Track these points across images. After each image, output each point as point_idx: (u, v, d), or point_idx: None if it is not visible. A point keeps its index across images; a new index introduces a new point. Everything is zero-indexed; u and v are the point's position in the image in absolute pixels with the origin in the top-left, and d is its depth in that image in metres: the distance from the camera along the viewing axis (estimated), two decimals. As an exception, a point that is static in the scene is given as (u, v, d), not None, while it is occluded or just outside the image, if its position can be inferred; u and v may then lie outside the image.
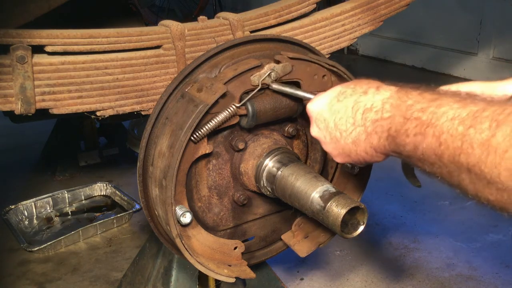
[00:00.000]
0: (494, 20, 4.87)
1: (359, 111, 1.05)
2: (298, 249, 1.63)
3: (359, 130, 1.06)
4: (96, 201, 3.12)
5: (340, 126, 1.09)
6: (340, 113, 1.09)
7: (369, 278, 2.37)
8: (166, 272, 1.86)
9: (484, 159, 0.82)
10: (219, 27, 1.74)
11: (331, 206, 1.28)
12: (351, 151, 1.10)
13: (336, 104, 1.10)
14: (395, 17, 2.13)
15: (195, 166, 1.45)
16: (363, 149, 1.07)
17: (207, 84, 1.36)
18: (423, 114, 0.92)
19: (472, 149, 0.84)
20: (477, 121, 0.84)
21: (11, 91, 1.46)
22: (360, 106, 1.05)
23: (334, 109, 1.10)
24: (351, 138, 1.08)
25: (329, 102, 1.12)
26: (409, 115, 0.95)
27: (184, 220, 1.36)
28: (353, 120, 1.06)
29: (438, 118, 0.90)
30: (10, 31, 1.47)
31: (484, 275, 2.35)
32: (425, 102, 0.94)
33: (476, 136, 0.83)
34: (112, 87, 1.60)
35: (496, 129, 0.81)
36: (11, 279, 2.42)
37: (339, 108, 1.09)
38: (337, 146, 1.13)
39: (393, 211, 2.90)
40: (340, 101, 1.10)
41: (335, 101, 1.11)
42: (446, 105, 0.90)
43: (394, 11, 2.07)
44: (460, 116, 0.87)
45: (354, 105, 1.06)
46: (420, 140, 0.92)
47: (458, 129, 0.86)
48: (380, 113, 1.01)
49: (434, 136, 0.89)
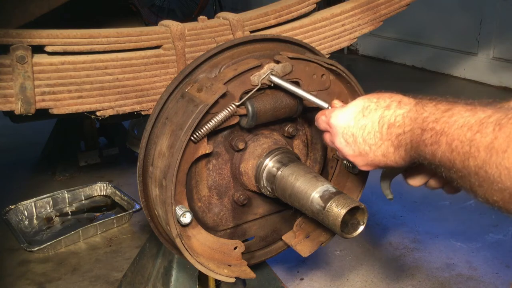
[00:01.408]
0: (494, 20, 4.87)
1: (385, 126, 1.13)
2: (300, 249, 1.63)
3: (387, 144, 1.14)
4: (96, 201, 3.12)
5: (369, 140, 1.16)
6: (367, 128, 1.16)
7: (369, 278, 2.37)
8: (166, 272, 1.86)
9: (488, 160, 0.88)
10: (219, 27, 1.74)
11: (331, 206, 1.28)
12: (381, 161, 1.18)
13: (362, 119, 1.17)
14: (395, 17, 2.13)
15: (195, 166, 1.45)
16: (393, 159, 1.16)
17: (207, 84, 1.36)
18: (437, 125, 1.01)
19: (479, 152, 0.90)
20: (483, 126, 0.91)
21: (11, 91, 1.46)
22: (385, 121, 1.13)
23: (361, 124, 1.17)
24: (381, 151, 1.16)
25: (355, 117, 1.18)
26: (425, 126, 1.03)
27: (184, 220, 1.36)
28: (380, 135, 1.14)
29: (450, 126, 0.97)
30: (10, 31, 1.47)
31: (484, 275, 2.35)
32: (439, 113, 1.02)
33: (482, 140, 0.89)
34: (112, 87, 1.60)
35: (499, 132, 0.87)
36: (11, 279, 2.42)
37: (365, 123, 1.16)
38: (366, 159, 1.21)
39: (393, 211, 2.90)
40: (366, 116, 1.16)
41: (360, 116, 1.18)
42: (457, 114, 0.98)
43: (394, 11, 2.07)
44: (469, 123, 0.94)
45: (380, 120, 1.14)
46: (436, 148, 1.00)
47: (466, 135, 0.93)
48: (402, 128, 1.10)
49: (447, 143, 0.97)
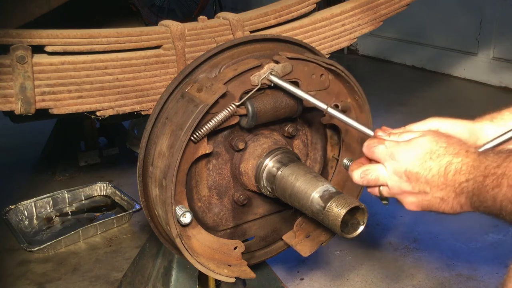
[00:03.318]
0: (494, 20, 4.87)
1: (451, 173, 1.16)
2: (301, 249, 1.63)
3: (449, 190, 1.16)
4: (96, 201, 3.12)
5: (432, 182, 1.18)
6: (433, 171, 1.18)
7: (369, 278, 2.37)
8: (166, 272, 1.86)
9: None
10: (219, 27, 1.74)
11: (331, 206, 1.28)
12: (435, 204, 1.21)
13: (429, 161, 1.19)
14: (395, 17, 2.13)
15: (195, 166, 1.45)
16: (450, 205, 1.18)
17: (207, 84, 1.36)
18: (499, 169, 1.05)
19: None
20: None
21: (11, 91, 1.46)
22: (452, 168, 1.16)
23: (427, 166, 1.19)
24: (441, 195, 1.18)
25: (422, 158, 1.19)
26: (487, 173, 1.07)
27: (184, 220, 1.36)
28: (444, 180, 1.16)
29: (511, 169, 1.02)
30: (10, 31, 1.47)
31: (484, 275, 2.35)
32: (501, 160, 1.07)
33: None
34: (112, 87, 1.60)
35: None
36: (11, 279, 2.42)
37: (432, 166, 1.18)
38: (422, 199, 1.22)
39: (393, 211, 2.89)
40: (433, 160, 1.18)
41: (427, 157, 1.19)
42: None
43: (394, 11, 2.07)
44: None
45: (447, 166, 1.16)
46: (497, 192, 1.04)
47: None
48: (466, 176, 1.13)
49: (508, 186, 1.02)
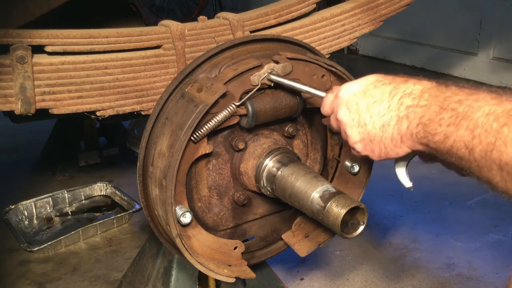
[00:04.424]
0: (494, 20, 4.87)
1: (397, 96, 1.06)
2: (298, 249, 1.63)
3: (391, 115, 1.06)
4: (96, 201, 3.11)
5: (372, 109, 1.09)
6: (375, 97, 1.09)
7: (369, 278, 2.37)
8: (166, 272, 1.86)
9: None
10: (219, 27, 1.74)
11: (331, 206, 1.28)
12: (376, 136, 1.10)
13: (372, 89, 1.11)
14: (395, 17, 2.13)
15: (195, 166, 1.45)
16: (390, 135, 1.08)
17: (207, 84, 1.36)
18: (460, 106, 0.94)
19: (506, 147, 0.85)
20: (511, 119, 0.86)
21: (11, 91, 1.46)
22: (399, 92, 1.06)
23: (370, 93, 1.10)
24: (381, 122, 1.08)
25: (365, 88, 1.12)
26: (445, 105, 0.97)
27: (184, 220, 1.36)
28: (388, 104, 1.07)
29: (474, 112, 0.91)
30: (10, 31, 1.47)
31: (484, 275, 2.35)
32: (463, 95, 0.96)
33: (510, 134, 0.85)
34: (112, 87, 1.60)
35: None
36: (11, 279, 2.42)
37: (375, 93, 1.10)
38: (363, 130, 1.12)
39: (393, 211, 2.89)
40: (377, 87, 1.10)
41: (371, 87, 1.11)
42: (482, 100, 0.92)
43: (394, 11, 2.07)
44: (495, 113, 0.88)
45: (392, 91, 1.07)
46: (452, 131, 0.94)
47: (492, 125, 0.88)
48: (417, 100, 1.02)
49: (468, 129, 0.91)
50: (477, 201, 2.92)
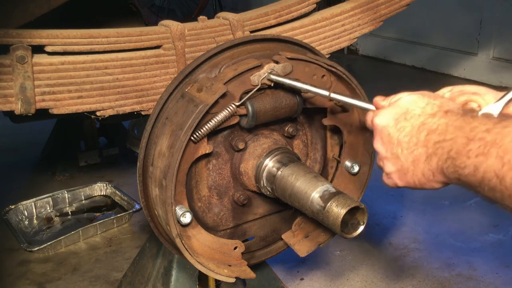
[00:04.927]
0: (494, 20, 4.87)
1: (423, 133, 1.04)
2: (298, 249, 1.63)
3: (421, 151, 1.04)
4: (96, 201, 3.12)
5: (403, 143, 1.08)
6: (405, 131, 1.08)
7: (369, 278, 2.37)
8: (166, 272, 1.86)
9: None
10: (219, 27, 1.74)
11: (331, 206, 1.28)
12: (409, 170, 1.09)
13: (403, 122, 1.10)
14: (395, 17, 2.12)
15: (195, 166, 1.45)
16: (421, 170, 1.06)
17: (207, 84, 1.36)
18: (488, 135, 0.89)
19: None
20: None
21: (11, 91, 1.46)
22: (426, 127, 1.04)
23: (400, 126, 1.10)
24: (412, 157, 1.07)
25: (397, 118, 1.11)
26: (472, 136, 0.92)
27: (184, 220, 1.36)
28: (416, 140, 1.05)
29: (503, 138, 0.86)
30: (10, 31, 1.47)
31: (484, 275, 2.35)
32: (491, 124, 0.91)
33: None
34: (112, 87, 1.60)
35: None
36: (11, 279, 2.42)
37: (405, 126, 1.09)
38: (396, 162, 1.12)
39: (393, 211, 2.90)
40: (407, 120, 1.09)
41: (402, 118, 1.10)
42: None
43: (394, 11, 2.07)
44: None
45: (421, 126, 1.05)
46: (481, 161, 0.89)
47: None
48: (443, 135, 0.99)
49: (498, 156, 0.86)
50: (477, 201, 2.92)
